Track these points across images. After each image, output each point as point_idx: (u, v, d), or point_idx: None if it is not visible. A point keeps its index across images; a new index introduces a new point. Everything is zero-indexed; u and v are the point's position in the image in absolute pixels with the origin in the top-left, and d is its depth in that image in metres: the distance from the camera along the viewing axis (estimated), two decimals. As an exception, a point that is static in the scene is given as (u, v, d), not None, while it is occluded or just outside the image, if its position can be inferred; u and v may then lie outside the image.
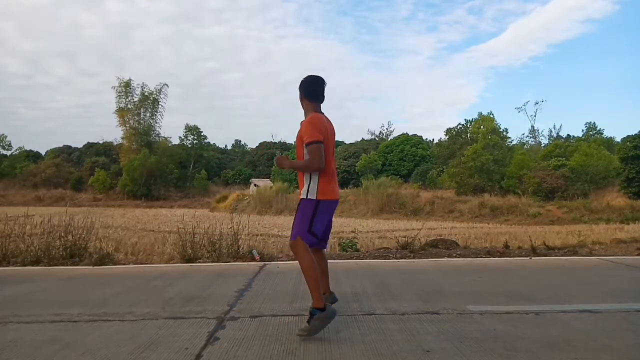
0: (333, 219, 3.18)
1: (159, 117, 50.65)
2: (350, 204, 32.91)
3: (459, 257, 6.04)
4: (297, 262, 2.93)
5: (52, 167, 51.59)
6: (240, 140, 78.67)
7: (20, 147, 60.96)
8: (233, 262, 5.71)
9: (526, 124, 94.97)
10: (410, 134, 53.50)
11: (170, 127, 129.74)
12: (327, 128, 2.98)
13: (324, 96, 3.06)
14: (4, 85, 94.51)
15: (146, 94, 49.34)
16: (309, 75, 3.08)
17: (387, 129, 61.46)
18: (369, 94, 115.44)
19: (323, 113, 3.06)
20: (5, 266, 5.53)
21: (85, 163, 54.74)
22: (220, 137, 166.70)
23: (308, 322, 2.72)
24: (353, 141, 60.98)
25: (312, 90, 3.05)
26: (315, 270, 2.80)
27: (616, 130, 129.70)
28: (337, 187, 3.08)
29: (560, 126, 72.56)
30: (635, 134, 30.60)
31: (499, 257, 6.14)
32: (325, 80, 3.06)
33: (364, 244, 9.75)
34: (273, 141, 64.47)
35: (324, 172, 2.93)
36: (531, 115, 64.07)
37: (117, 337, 2.76)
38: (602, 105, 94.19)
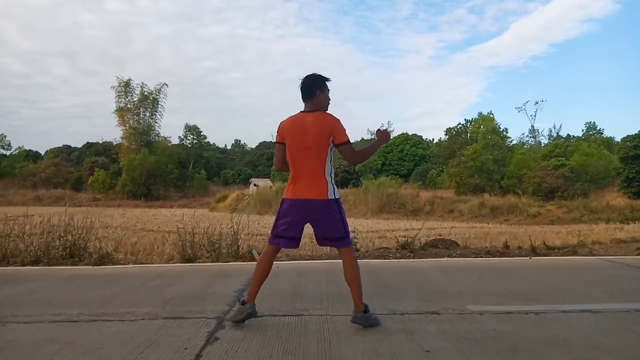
0: (304, 222, 2.97)
1: (158, 117, 50.71)
2: (350, 204, 32.88)
3: (459, 257, 6.04)
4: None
5: (52, 167, 51.54)
6: (240, 140, 78.69)
7: (19, 147, 61.12)
8: (233, 262, 5.71)
9: (526, 124, 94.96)
10: (410, 133, 53.57)
11: (170, 127, 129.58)
12: (287, 129, 2.97)
13: (303, 95, 3.01)
14: (4, 85, 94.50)
15: (146, 93, 49.34)
16: None
17: (387, 128, 61.40)
18: (369, 93, 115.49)
19: (303, 111, 2.99)
20: (4, 266, 5.53)
21: (85, 163, 54.66)
22: (220, 137, 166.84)
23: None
24: (353, 141, 60.71)
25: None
26: (256, 271, 3.05)
27: (616, 130, 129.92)
28: (300, 187, 2.92)
29: (560, 126, 72.40)
30: (635, 134, 30.64)
31: (499, 257, 6.14)
32: (303, 78, 3.00)
33: (364, 244, 9.74)
34: (273, 141, 64.43)
35: (290, 172, 2.98)
36: (531, 115, 63.93)
37: (116, 337, 2.76)
38: (602, 105, 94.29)
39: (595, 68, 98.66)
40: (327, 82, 3.03)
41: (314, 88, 2.98)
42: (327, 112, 3.02)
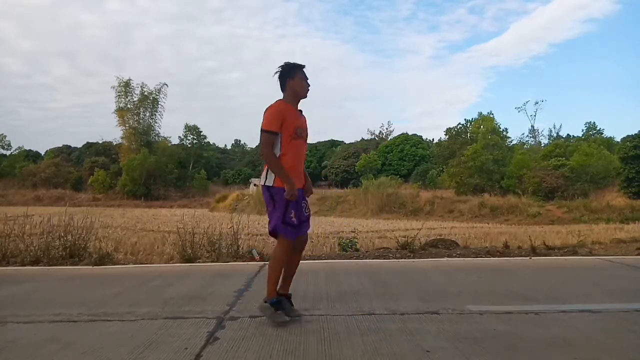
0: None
1: (158, 116, 50.71)
2: (350, 204, 32.90)
3: (459, 257, 6.04)
4: None
5: (52, 167, 51.57)
6: (240, 140, 78.70)
7: (19, 147, 61.22)
8: (233, 262, 5.70)
9: (526, 124, 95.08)
10: (410, 133, 53.57)
11: (170, 127, 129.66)
12: None
13: (280, 86, 3.06)
14: (4, 85, 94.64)
15: (146, 93, 49.32)
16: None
17: (387, 128, 61.21)
18: (369, 93, 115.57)
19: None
20: (4, 266, 5.53)
21: (85, 163, 54.70)
22: (220, 136, 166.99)
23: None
24: (353, 141, 61.03)
25: None
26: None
27: (616, 130, 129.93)
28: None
29: (560, 126, 72.48)
30: (635, 134, 30.59)
31: (499, 257, 6.14)
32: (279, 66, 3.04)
33: (364, 244, 9.75)
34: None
35: None
36: (531, 115, 64.09)
37: (116, 337, 2.76)
38: (602, 105, 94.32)
39: (595, 68, 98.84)
40: (298, 68, 3.03)
41: (284, 78, 3.03)
42: (281, 100, 3.02)
